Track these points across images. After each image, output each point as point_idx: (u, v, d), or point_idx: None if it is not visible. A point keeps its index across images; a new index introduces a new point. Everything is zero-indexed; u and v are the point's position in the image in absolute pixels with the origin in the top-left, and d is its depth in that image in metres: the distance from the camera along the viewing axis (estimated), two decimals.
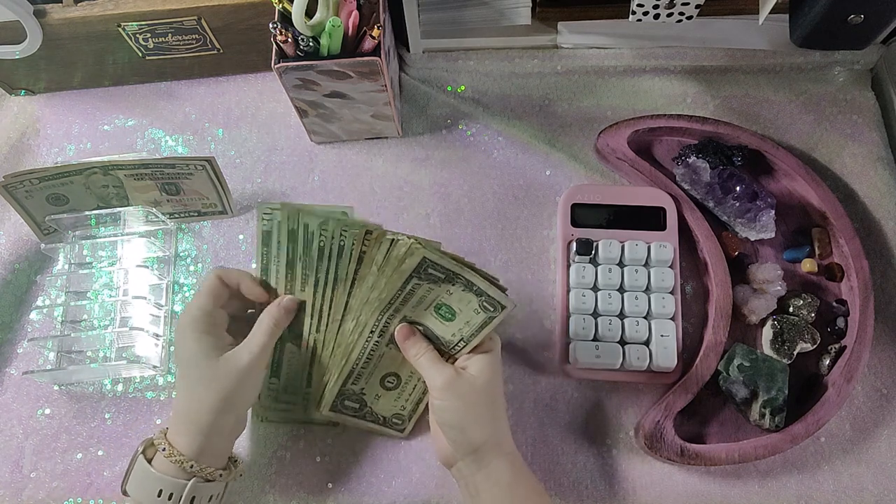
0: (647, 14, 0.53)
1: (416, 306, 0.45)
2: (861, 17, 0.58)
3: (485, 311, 0.44)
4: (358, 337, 0.47)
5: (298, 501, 0.52)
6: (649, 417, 0.52)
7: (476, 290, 0.43)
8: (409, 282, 0.44)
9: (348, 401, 0.50)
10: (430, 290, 0.44)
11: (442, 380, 0.44)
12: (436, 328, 0.46)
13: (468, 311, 0.44)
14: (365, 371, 0.49)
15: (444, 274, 0.43)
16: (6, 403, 0.57)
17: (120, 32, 0.61)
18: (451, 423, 0.44)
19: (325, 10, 0.52)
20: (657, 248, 0.56)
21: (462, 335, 0.45)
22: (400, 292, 0.44)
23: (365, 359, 0.48)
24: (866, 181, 0.61)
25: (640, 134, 0.62)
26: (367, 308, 0.46)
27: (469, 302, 0.44)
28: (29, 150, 0.68)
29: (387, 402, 0.51)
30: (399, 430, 0.52)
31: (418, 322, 0.46)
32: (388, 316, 0.46)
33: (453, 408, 0.44)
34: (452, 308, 0.45)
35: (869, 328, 0.53)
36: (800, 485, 0.51)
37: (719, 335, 0.54)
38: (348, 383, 0.49)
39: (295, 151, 0.66)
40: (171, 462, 0.43)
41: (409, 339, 0.46)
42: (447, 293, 0.44)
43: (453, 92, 0.68)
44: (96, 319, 0.59)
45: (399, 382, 0.50)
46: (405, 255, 0.42)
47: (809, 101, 0.65)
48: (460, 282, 0.43)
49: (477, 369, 0.45)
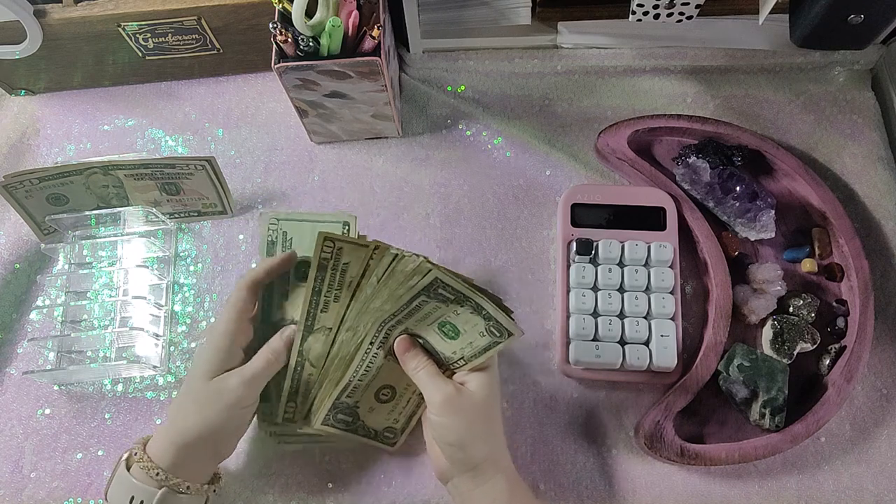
0: (647, 14, 0.53)
1: (420, 321, 0.44)
2: (861, 17, 0.58)
3: (490, 336, 0.43)
4: (356, 349, 0.45)
5: (298, 501, 0.52)
6: (649, 417, 0.52)
7: (485, 315, 0.42)
8: (416, 298, 0.42)
9: (341, 414, 0.49)
10: (437, 308, 0.43)
11: (442, 396, 0.42)
12: (437, 344, 0.45)
13: (473, 333, 0.43)
14: (361, 383, 0.47)
15: (454, 295, 0.42)
16: (6, 403, 0.57)
17: (120, 32, 0.61)
18: (451, 440, 0.43)
19: (325, 10, 0.52)
20: (657, 248, 0.56)
21: (463, 354, 0.44)
22: (405, 307, 0.43)
23: (363, 371, 0.46)
24: (866, 181, 0.61)
25: (640, 134, 0.62)
26: (365, 319, 0.44)
27: (475, 324, 0.43)
28: (29, 150, 0.68)
29: (380, 415, 0.50)
30: (390, 443, 0.51)
31: (419, 335, 0.45)
32: (389, 327, 0.44)
33: (453, 425, 0.42)
34: (457, 327, 0.43)
35: (869, 328, 0.53)
36: (800, 485, 0.51)
37: (719, 335, 0.54)
38: (343, 396, 0.47)
39: (295, 151, 0.66)
40: (141, 468, 0.43)
41: (409, 351, 0.45)
42: (454, 313, 0.43)
43: (453, 92, 0.68)
44: (96, 319, 0.59)
45: (394, 395, 0.49)
46: (414, 273, 0.41)
47: (809, 101, 0.65)
48: (469, 304, 0.42)
49: (476, 385, 0.44)
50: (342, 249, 0.43)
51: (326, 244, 0.43)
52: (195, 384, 0.44)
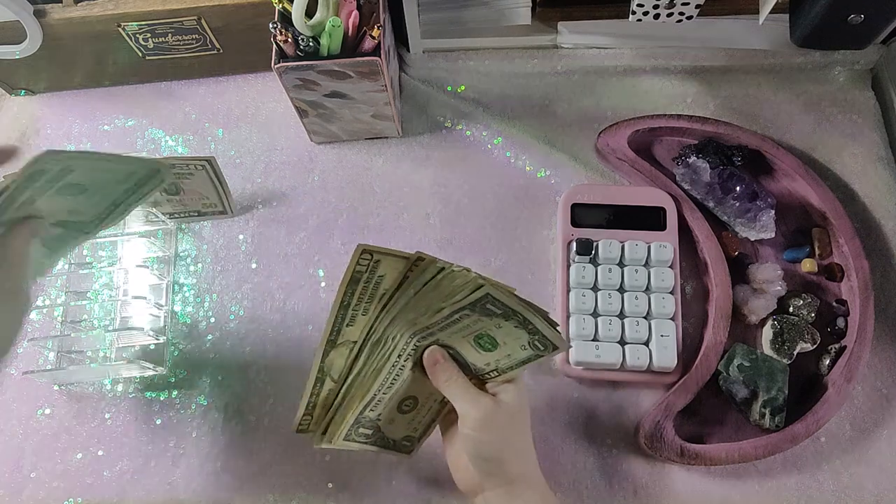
0: (647, 14, 0.53)
1: (455, 333, 0.42)
2: (861, 17, 0.58)
3: (534, 349, 0.41)
4: (385, 362, 0.43)
5: (298, 501, 0.52)
6: (649, 417, 0.52)
7: (531, 329, 0.40)
8: (459, 312, 0.40)
9: (363, 428, 0.46)
10: (479, 321, 0.40)
11: (480, 411, 0.41)
12: (469, 355, 0.43)
13: (513, 345, 0.41)
14: (385, 397, 0.45)
15: (501, 310, 0.39)
16: (6, 403, 0.57)
17: (120, 32, 0.61)
18: (488, 455, 0.41)
19: (325, 10, 0.52)
20: (657, 248, 0.56)
21: (498, 366, 0.42)
22: (444, 320, 0.40)
23: (389, 384, 0.44)
24: (866, 181, 0.61)
25: (640, 134, 0.62)
26: (394, 332, 0.42)
27: (518, 338, 0.40)
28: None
29: (400, 426, 0.48)
30: (407, 451, 0.50)
31: (450, 346, 0.43)
32: (420, 338, 0.42)
33: (490, 440, 0.41)
34: (496, 340, 0.41)
35: (869, 328, 0.53)
36: (800, 485, 0.51)
37: (719, 335, 0.54)
38: (366, 410, 0.45)
39: (295, 151, 0.66)
40: None
41: (440, 363, 0.43)
42: (496, 326, 0.40)
43: (453, 92, 0.68)
44: (96, 319, 0.59)
45: (416, 405, 0.47)
46: (461, 287, 0.39)
47: (809, 101, 0.65)
48: (516, 319, 0.39)
49: (510, 398, 0.42)
50: (379, 262, 0.40)
51: (363, 257, 0.39)
52: None
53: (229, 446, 0.54)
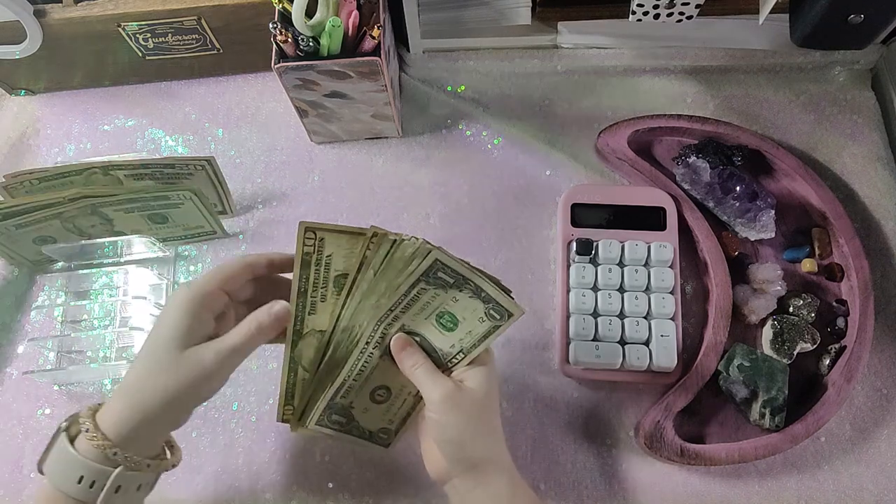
0: (647, 14, 0.53)
1: (417, 314, 0.43)
2: (861, 17, 0.58)
3: (491, 320, 0.42)
4: (353, 347, 0.44)
5: (298, 501, 0.52)
6: (649, 417, 0.52)
7: (484, 297, 0.41)
8: (415, 286, 0.41)
9: (336, 415, 0.47)
10: (436, 296, 0.42)
11: (440, 393, 0.41)
12: (434, 339, 0.44)
13: (472, 320, 0.42)
14: (356, 384, 0.46)
15: (453, 279, 0.40)
16: (6, 403, 0.57)
17: (120, 32, 0.61)
18: (451, 438, 0.42)
19: (325, 10, 0.52)
20: (657, 248, 0.56)
21: (462, 346, 0.44)
22: (403, 297, 0.41)
23: (358, 371, 0.45)
24: (866, 181, 0.61)
25: (640, 134, 0.62)
26: (362, 317, 0.43)
27: (475, 310, 0.42)
28: (29, 150, 0.68)
29: (375, 416, 0.48)
30: (384, 444, 0.50)
31: (416, 332, 0.44)
32: (386, 325, 0.43)
33: (452, 423, 0.41)
34: (455, 317, 0.43)
35: (869, 328, 0.53)
36: (800, 485, 0.51)
37: (719, 335, 0.54)
38: (337, 397, 0.46)
39: (295, 151, 0.66)
40: (94, 446, 0.38)
41: (406, 349, 0.44)
42: (452, 300, 0.42)
43: (453, 92, 0.68)
44: (96, 319, 0.59)
45: (389, 396, 0.47)
46: (412, 257, 0.40)
47: (809, 101, 0.65)
48: (469, 288, 0.41)
49: (476, 382, 0.42)
50: (324, 240, 0.40)
51: (308, 235, 0.39)
52: (161, 352, 0.40)
53: (229, 446, 0.54)
